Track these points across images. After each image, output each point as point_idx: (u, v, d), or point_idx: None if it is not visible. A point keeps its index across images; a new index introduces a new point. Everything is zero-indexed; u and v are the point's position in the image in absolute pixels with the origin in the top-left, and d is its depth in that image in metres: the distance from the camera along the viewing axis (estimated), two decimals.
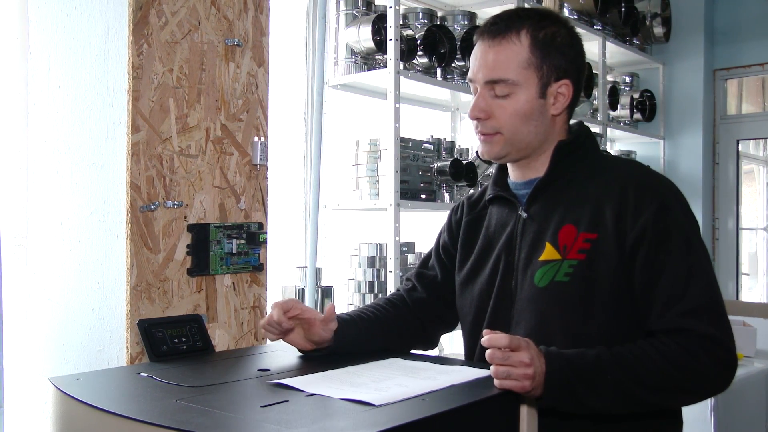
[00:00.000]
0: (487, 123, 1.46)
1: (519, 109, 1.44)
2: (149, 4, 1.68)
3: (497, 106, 1.44)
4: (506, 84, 1.43)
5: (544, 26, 1.45)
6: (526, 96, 1.44)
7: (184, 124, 1.75)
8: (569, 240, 1.40)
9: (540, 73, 1.44)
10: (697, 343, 1.28)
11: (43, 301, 1.83)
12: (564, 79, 1.46)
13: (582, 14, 3.89)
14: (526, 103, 1.44)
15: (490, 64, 1.44)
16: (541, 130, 1.47)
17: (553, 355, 1.26)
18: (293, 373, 1.33)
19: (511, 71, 1.43)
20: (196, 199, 1.77)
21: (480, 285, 1.53)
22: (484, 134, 1.47)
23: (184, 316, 1.70)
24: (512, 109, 1.44)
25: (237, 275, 1.87)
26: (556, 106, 1.47)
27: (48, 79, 1.84)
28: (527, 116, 1.44)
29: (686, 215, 1.40)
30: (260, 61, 1.93)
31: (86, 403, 1.12)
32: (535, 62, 1.43)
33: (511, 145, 1.47)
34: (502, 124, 1.45)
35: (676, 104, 4.63)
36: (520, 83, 1.43)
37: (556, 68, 1.45)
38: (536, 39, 1.43)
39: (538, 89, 1.44)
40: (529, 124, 1.45)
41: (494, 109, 1.45)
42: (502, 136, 1.46)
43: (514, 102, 1.44)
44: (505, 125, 1.45)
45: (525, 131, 1.45)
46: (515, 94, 1.43)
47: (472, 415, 1.15)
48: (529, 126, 1.45)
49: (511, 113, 1.44)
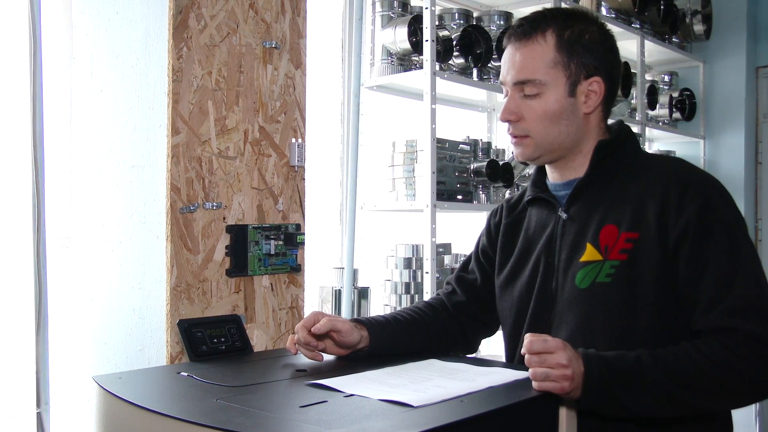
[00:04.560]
0: (518, 125, 1.46)
1: (548, 110, 1.43)
2: (189, 8, 1.70)
3: (526, 107, 1.45)
4: (534, 84, 1.43)
5: (570, 25, 1.45)
6: (555, 95, 1.43)
7: (223, 126, 1.77)
8: (611, 240, 1.38)
9: (568, 71, 1.44)
10: (743, 343, 1.25)
11: (85, 301, 1.87)
12: (594, 76, 1.45)
13: (620, 13, 3.84)
14: (556, 102, 1.43)
15: (517, 66, 1.45)
16: (573, 130, 1.46)
17: (591, 356, 1.24)
18: (331, 373, 1.33)
19: (538, 71, 1.43)
20: (234, 200, 1.79)
21: (520, 287, 1.52)
22: (516, 137, 1.48)
23: (224, 317, 1.72)
24: (542, 110, 1.44)
25: (275, 276, 1.88)
26: (587, 104, 1.46)
27: (90, 83, 1.87)
28: (557, 116, 1.44)
29: (731, 212, 1.37)
30: (297, 63, 1.95)
31: (129, 401, 1.14)
32: (562, 61, 1.43)
33: (541, 148, 1.47)
34: (532, 126, 1.45)
35: (717, 103, 4.55)
36: (548, 83, 1.43)
37: (585, 66, 1.45)
38: (561, 38, 1.44)
39: (567, 88, 1.44)
40: (560, 124, 1.44)
41: (524, 111, 1.45)
42: (532, 140, 1.46)
43: (544, 102, 1.43)
44: (534, 128, 1.45)
45: (555, 132, 1.45)
46: (544, 94, 1.43)
47: (511, 416, 1.14)
48: (560, 126, 1.45)
49: (541, 114, 1.44)
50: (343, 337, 1.46)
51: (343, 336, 1.46)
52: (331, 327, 1.45)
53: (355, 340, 1.48)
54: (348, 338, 1.47)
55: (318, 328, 1.44)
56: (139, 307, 1.76)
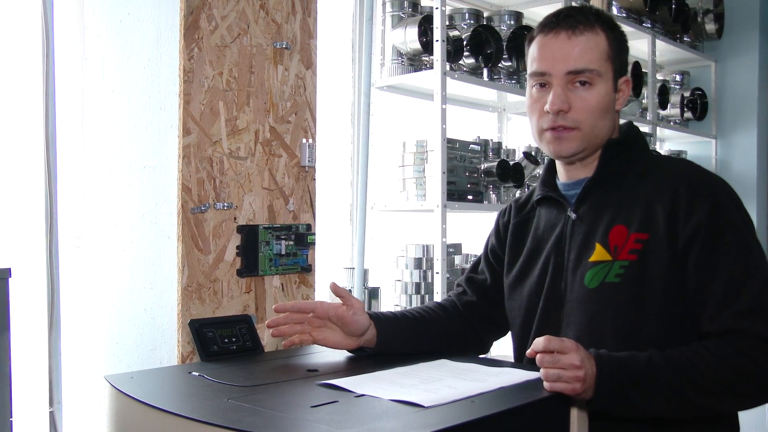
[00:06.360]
0: (568, 116, 1.43)
1: (600, 101, 1.43)
2: (200, 9, 1.70)
3: (577, 98, 1.43)
4: (591, 73, 1.42)
5: (610, 25, 1.48)
6: (606, 88, 1.44)
7: (234, 127, 1.77)
8: (620, 240, 1.38)
9: (615, 66, 1.45)
10: (753, 345, 1.25)
11: (97, 301, 1.88)
12: (626, 75, 1.49)
13: (631, 12, 3.83)
14: (606, 95, 1.44)
15: (574, 55, 1.42)
16: (610, 125, 1.47)
17: (603, 357, 1.24)
18: (342, 373, 1.33)
19: (595, 61, 1.43)
20: (245, 200, 1.79)
21: (529, 287, 1.52)
22: (564, 128, 1.44)
23: (235, 317, 1.72)
24: (594, 101, 1.43)
25: (286, 276, 1.88)
26: (619, 102, 1.48)
27: (102, 83, 1.88)
28: (605, 109, 1.44)
29: (740, 214, 1.37)
30: (308, 64, 1.95)
31: (141, 401, 1.15)
32: (612, 55, 1.45)
33: (586, 141, 1.45)
34: (583, 117, 1.43)
35: (729, 102, 4.52)
36: (603, 74, 1.43)
37: (623, 64, 1.48)
38: (609, 34, 1.45)
39: (613, 83, 1.45)
40: (605, 118, 1.45)
41: (574, 102, 1.43)
42: (580, 132, 1.44)
43: (596, 93, 1.43)
44: (585, 119, 1.43)
45: (602, 125, 1.45)
46: (597, 85, 1.43)
47: (522, 417, 1.14)
48: (605, 120, 1.45)
49: (594, 105, 1.43)
50: (350, 321, 1.47)
51: (356, 313, 1.47)
52: (339, 311, 1.47)
53: (365, 324, 1.49)
54: (359, 317, 1.48)
55: (336, 287, 1.50)
56: (150, 307, 1.77)
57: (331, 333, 1.51)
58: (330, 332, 1.51)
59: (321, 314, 1.50)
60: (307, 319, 1.50)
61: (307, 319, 1.50)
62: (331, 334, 1.50)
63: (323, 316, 1.50)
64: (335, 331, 1.51)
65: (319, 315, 1.50)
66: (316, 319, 1.50)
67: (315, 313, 1.50)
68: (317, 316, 1.50)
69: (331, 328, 1.51)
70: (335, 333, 1.51)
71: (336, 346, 1.51)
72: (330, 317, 1.49)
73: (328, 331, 1.51)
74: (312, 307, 1.51)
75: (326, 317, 1.50)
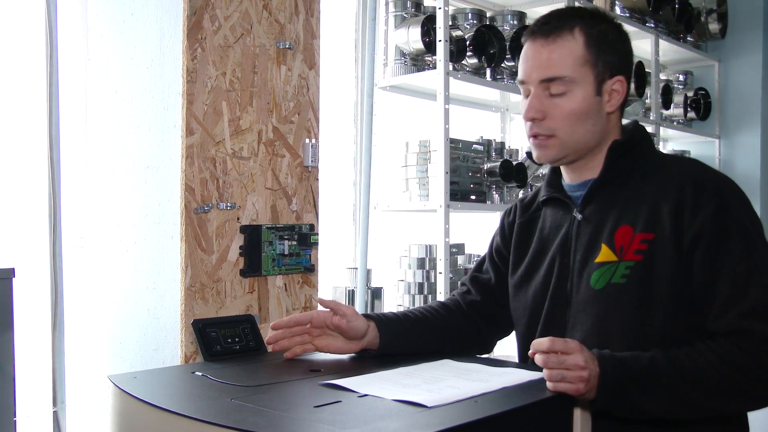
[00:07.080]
0: (543, 124, 1.43)
1: (576, 108, 1.41)
2: (203, 9, 1.71)
3: (552, 106, 1.42)
4: (562, 82, 1.41)
5: (596, 24, 1.44)
6: (583, 94, 1.42)
7: (237, 127, 1.77)
8: (626, 241, 1.38)
9: (595, 70, 1.42)
10: (759, 346, 1.25)
11: (100, 301, 1.88)
12: (618, 75, 1.45)
13: (634, 12, 3.82)
14: (583, 101, 1.42)
15: (544, 63, 1.42)
16: (598, 129, 1.45)
17: (606, 357, 1.24)
18: (345, 373, 1.33)
19: (567, 68, 1.41)
20: (248, 200, 1.79)
21: (534, 288, 1.52)
22: (539, 136, 1.44)
23: (238, 317, 1.72)
24: (569, 109, 1.41)
25: (289, 276, 1.88)
26: (611, 103, 1.45)
27: (105, 84, 1.88)
28: (584, 115, 1.42)
29: (747, 213, 1.36)
30: (311, 64, 1.95)
31: (144, 401, 1.15)
32: (590, 59, 1.42)
33: (567, 148, 1.44)
34: (558, 125, 1.42)
35: (733, 102, 4.51)
36: (577, 80, 1.41)
37: (610, 65, 1.44)
38: (590, 36, 1.42)
39: (594, 86, 1.42)
40: (586, 123, 1.43)
41: (549, 110, 1.42)
42: (557, 140, 1.43)
43: (571, 101, 1.41)
44: (560, 127, 1.42)
45: (581, 131, 1.43)
46: (572, 92, 1.41)
47: (525, 417, 1.14)
48: (586, 125, 1.43)
49: (568, 113, 1.41)
50: (350, 322, 1.47)
51: (350, 320, 1.47)
52: (335, 307, 1.47)
53: (362, 328, 1.49)
54: (354, 323, 1.47)
55: (323, 301, 1.50)
56: (153, 307, 1.77)
57: (332, 340, 1.50)
58: (331, 339, 1.50)
59: (318, 323, 1.49)
60: (306, 330, 1.50)
61: (306, 329, 1.50)
62: (333, 341, 1.50)
63: (321, 325, 1.50)
64: (336, 337, 1.50)
65: (317, 324, 1.50)
66: (314, 329, 1.50)
67: (312, 323, 1.50)
68: (315, 326, 1.50)
69: (332, 335, 1.50)
70: (336, 339, 1.50)
71: (339, 351, 1.50)
72: (327, 325, 1.49)
73: (328, 338, 1.50)
74: (308, 318, 1.50)
75: (324, 326, 1.49)
